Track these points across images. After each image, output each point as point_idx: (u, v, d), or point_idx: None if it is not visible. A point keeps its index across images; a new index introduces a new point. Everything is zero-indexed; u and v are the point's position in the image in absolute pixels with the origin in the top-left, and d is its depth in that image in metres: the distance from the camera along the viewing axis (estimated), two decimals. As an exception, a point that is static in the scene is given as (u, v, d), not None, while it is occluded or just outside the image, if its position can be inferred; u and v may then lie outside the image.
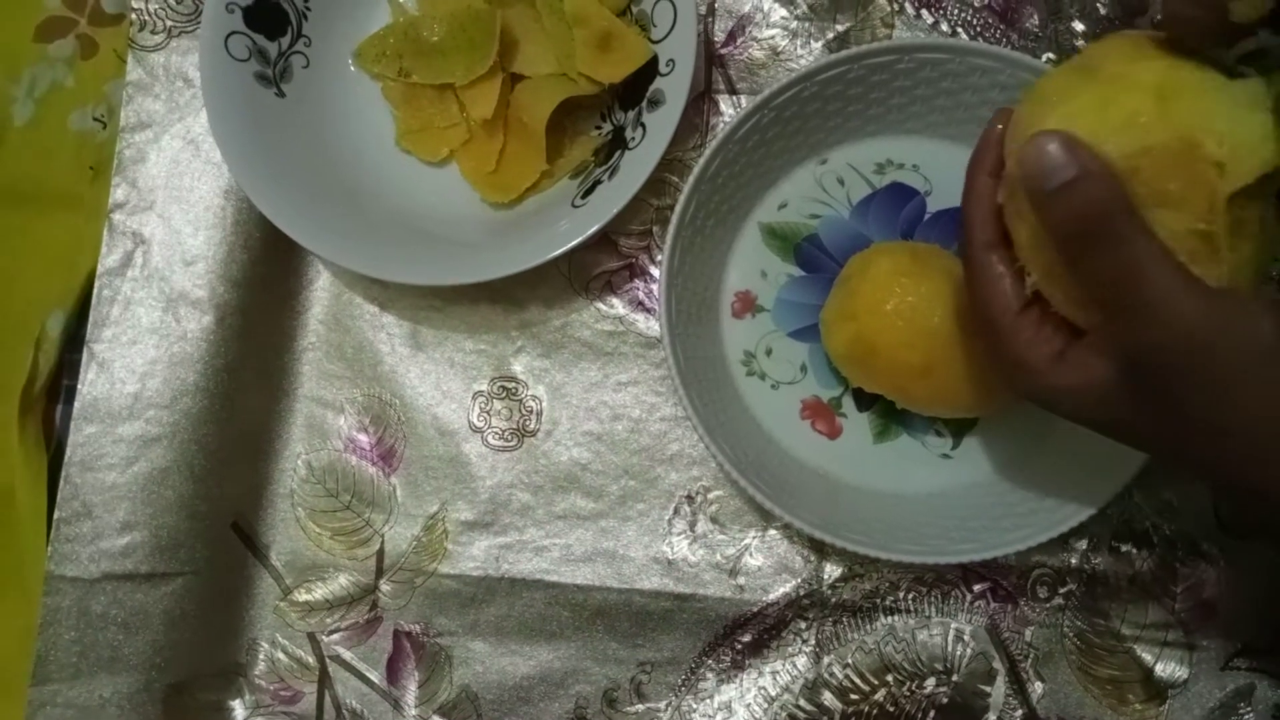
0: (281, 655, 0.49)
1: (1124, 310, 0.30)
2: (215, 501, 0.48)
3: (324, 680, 0.49)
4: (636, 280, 0.50)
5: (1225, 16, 0.29)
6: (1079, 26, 0.50)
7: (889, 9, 0.51)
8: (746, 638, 0.48)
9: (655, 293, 0.49)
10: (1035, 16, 0.50)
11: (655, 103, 0.46)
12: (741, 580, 0.48)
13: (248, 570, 0.49)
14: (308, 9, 0.50)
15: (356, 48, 0.51)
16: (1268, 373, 0.29)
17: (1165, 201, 0.30)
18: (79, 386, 0.48)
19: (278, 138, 0.48)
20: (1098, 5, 0.50)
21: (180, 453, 0.47)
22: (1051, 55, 0.50)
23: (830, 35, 0.51)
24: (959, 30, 0.51)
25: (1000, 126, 0.34)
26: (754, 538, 0.48)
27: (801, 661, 0.47)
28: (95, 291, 0.48)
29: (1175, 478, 0.47)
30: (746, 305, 0.49)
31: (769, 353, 0.49)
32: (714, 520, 0.48)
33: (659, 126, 0.45)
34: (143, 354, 0.48)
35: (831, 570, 0.48)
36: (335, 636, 0.49)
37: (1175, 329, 0.29)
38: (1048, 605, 0.47)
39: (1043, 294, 0.33)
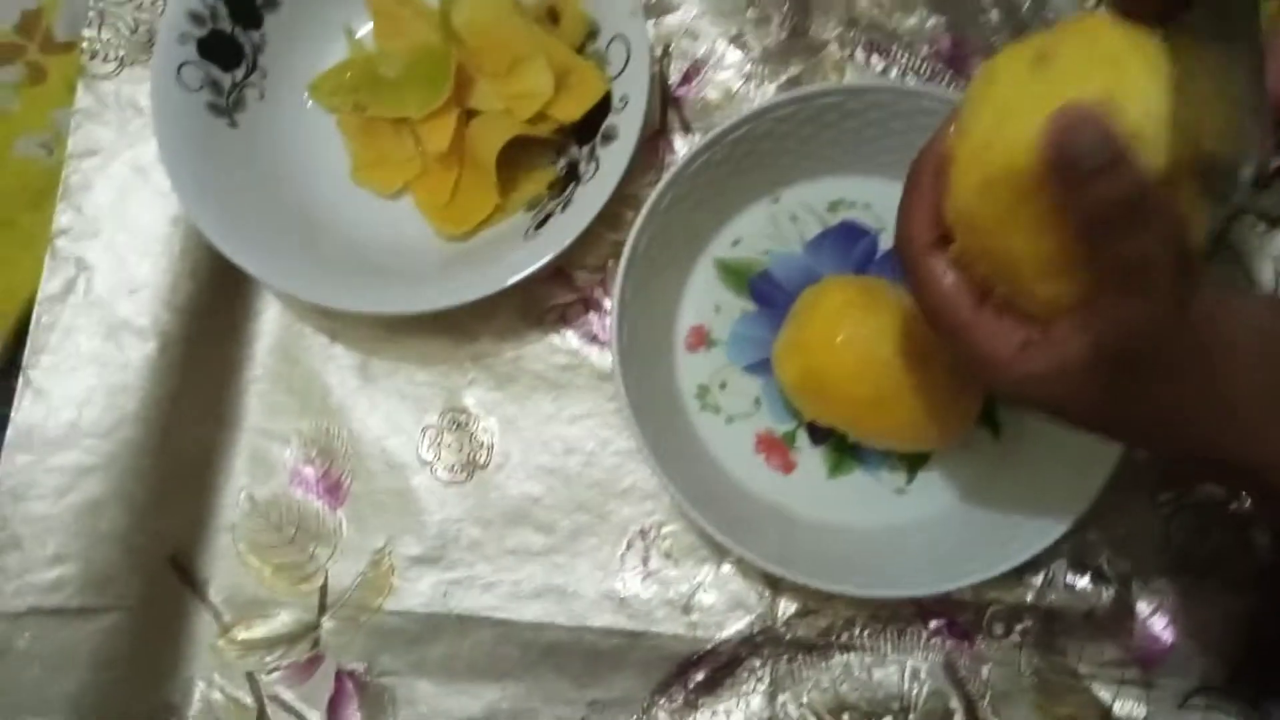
0: (218, 695, 0.47)
1: (1141, 288, 0.29)
2: (152, 535, 0.46)
3: (262, 722, 0.47)
4: (591, 314, 0.50)
5: None
6: (1023, 73, 0.51)
7: (840, 55, 0.52)
8: (700, 676, 0.46)
9: (609, 326, 0.49)
10: (980, 62, 0.52)
11: (609, 137, 0.47)
12: (695, 617, 0.47)
13: (184, 606, 0.48)
14: (263, 41, 0.50)
15: (312, 81, 0.51)
16: (1267, 348, 0.30)
17: None
18: (12, 414, 0.46)
19: (229, 167, 0.48)
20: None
21: (117, 483, 0.46)
22: (997, 99, 0.51)
23: (783, 78, 0.52)
24: (907, 75, 0.52)
25: (952, 128, 0.33)
26: (707, 573, 0.47)
27: (756, 700, 0.46)
28: (34, 318, 0.47)
29: (1128, 511, 0.47)
30: (701, 339, 0.49)
31: (723, 386, 0.49)
32: (667, 555, 0.47)
33: (612, 160, 0.46)
34: (82, 381, 0.47)
35: (786, 606, 0.47)
36: (275, 676, 0.47)
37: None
38: (1004, 642, 0.47)
39: (992, 288, 0.33)
